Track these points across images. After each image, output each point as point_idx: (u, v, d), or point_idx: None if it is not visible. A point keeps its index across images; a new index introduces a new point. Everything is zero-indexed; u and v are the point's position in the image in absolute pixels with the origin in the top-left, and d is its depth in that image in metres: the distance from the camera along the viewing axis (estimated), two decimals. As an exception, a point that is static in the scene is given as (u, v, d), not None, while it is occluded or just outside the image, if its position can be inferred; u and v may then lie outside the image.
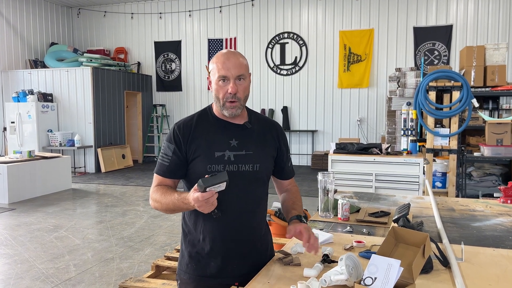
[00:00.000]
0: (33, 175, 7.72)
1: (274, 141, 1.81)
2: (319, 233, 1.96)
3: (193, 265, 1.72)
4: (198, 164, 1.66)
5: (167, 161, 1.68)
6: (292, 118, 11.64)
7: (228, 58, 1.63)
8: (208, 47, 12.12)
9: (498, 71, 6.03)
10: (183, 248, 1.77)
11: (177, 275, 1.80)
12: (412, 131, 5.45)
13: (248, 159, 1.69)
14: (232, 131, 1.71)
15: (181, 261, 1.78)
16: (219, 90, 1.64)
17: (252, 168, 1.70)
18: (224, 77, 1.62)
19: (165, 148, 1.70)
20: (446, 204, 2.70)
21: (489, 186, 5.66)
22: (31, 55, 11.92)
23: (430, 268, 1.57)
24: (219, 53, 1.67)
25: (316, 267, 1.56)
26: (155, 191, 1.66)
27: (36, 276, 3.99)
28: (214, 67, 1.65)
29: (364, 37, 10.84)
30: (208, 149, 1.66)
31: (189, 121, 1.72)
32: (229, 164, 1.65)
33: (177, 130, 1.69)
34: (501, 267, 1.61)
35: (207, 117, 1.73)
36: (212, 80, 1.66)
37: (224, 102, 1.64)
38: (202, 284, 1.71)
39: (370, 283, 1.29)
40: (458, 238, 1.96)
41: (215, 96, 1.67)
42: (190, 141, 1.67)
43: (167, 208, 1.62)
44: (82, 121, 10.73)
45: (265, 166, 1.76)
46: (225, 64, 1.61)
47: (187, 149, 1.67)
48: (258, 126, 1.78)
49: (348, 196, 2.93)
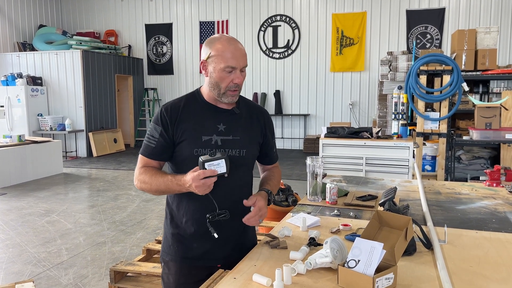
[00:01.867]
0: (23, 160, 7.67)
1: (261, 127, 1.82)
2: (306, 217, 1.98)
3: (175, 247, 1.73)
4: (184, 147, 1.65)
5: (153, 143, 1.67)
6: (284, 102, 11.62)
7: (236, 48, 1.61)
8: (200, 30, 11.98)
9: (489, 55, 6.05)
10: (166, 230, 1.78)
11: (161, 257, 1.82)
12: (403, 115, 5.47)
13: (235, 144, 1.70)
14: (220, 115, 1.70)
15: (164, 243, 1.79)
16: (224, 79, 1.61)
17: (239, 153, 1.71)
18: (233, 67, 1.60)
19: (151, 129, 1.68)
20: (433, 187, 2.74)
21: (478, 169, 5.74)
22: (19, 38, 11.71)
23: (413, 250, 1.60)
24: (224, 40, 1.61)
25: (302, 250, 1.58)
26: (143, 173, 1.66)
27: (28, 260, 4.00)
28: (219, 54, 1.59)
29: (356, 20, 10.78)
30: (195, 133, 1.66)
31: (177, 104, 1.70)
32: (216, 148, 1.65)
33: (164, 112, 1.67)
34: (483, 249, 1.65)
35: (195, 101, 1.72)
36: (214, 67, 1.61)
37: (226, 91, 1.63)
38: (185, 265, 1.73)
39: (353, 265, 1.32)
40: (442, 221, 1.99)
41: (215, 83, 1.63)
42: (177, 124, 1.66)
43: (157, 189, 1.62)
44: (72, 105, 10.63)
45: (251, 151, 1.77)
46: (235, 54, 1.59)
47: (174, 132, 1.66)
48: (246, 111, 1.78)
49: (337, 180, 2.96)
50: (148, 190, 1.65)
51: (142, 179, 1.65)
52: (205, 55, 1.64)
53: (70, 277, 3.63)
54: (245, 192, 1.78)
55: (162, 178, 1.61)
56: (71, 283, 3.52)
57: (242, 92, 11.38)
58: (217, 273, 1.53)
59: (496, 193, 2.55)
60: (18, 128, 10.13)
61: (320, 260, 1.43)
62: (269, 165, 1.96)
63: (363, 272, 1.28)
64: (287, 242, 1.72)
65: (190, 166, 1.59)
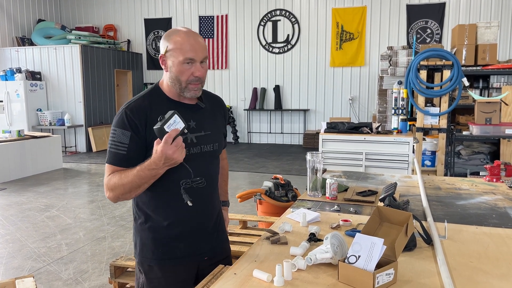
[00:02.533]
0: (23, 155, 7.67)
1: (222, 118, 1.83)
2: (306, 212, 1.98)
3: (160, 250, 1.66)
4: None
5: (123, 149, 1.54)
6: (284, 97, 11.60)
7: (195, 40, 1.56)
8: (199, 24, 11.94)
9: (489, 50, 6.03)
10: (143, 236, 1.68)
11: (140, 264, 1.72)
12: (403, 110, 5.46)
13: (208, 139, 1.67)
14: (188, 112, 1.64)
15: (142, 249, 1.68)
16: (183, 73, 1.56)
17: (212, 147, 1.69)
18: (192, 59, 1.55)
19: (118, 135, 1.55)
20: (433, 182, 2.74)
21: (477, 164, 5.75)
22: (18, 32, 11.66)
23: (413, 246, 1.60)
24: (182, 33, 1.56)
25: (302, 246, 1.58)
26: (111, 179, 1.54)
27: (28, 255, 4.01)
28: (177, 47, 1.54)
29: (356, 14, 10.74)
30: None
31: (141, 103, 1.59)
32: (192, 147, 1.61)
33: (130, 114, 1.55)
34: (483, 245, 1.65)
35: (159, 98, 1.63)
36: (173, 61, 1.56)
37: (187, 85, 1.58)
38: (172, 267, 1.68)
39: (354, 261, 1.32)
40: (443, 216, 1.99)
41: (175, 78, 1.58)
42: (149, 126, 1.54)
43: (131, 187, 1.51)
44: (72, 100, 10.61)
45: (221, 143, 1.77)
46: (194, 46, 1.54)
47: (147, 135, 1.55)
48: (208, 104, 1.75)
49: (337, 176, 2.95)
50: (122, 193, 1.53)
51: (112, 185, 1.53)
52: (163, 49, 1.58)
53: (70, 272, 3.64)
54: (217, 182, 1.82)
55: (131, 172, 1.50)
56: (71, 278, 3.52)
57: (242, 87, 11.34)
58: (217, 268, 1.53)
59: (496, 188, 2.55)
60: (17, 123, 10.11)
61: (320, 256, 1.43)
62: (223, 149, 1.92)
63: (364, 268, 1.28)
64: (287, 237, 1.72)
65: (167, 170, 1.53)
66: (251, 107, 11.66)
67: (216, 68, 11.92)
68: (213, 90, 12.10)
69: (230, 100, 11.98)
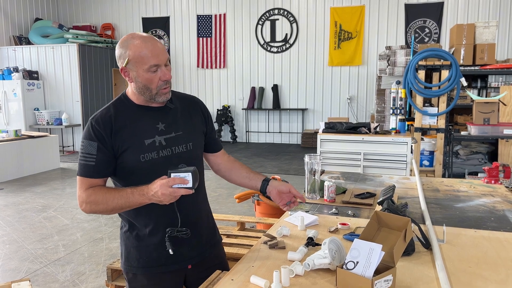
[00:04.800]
0: (20, 155, 7.63)
1: (200, 116, 1.77)
2: (304, 216, 1.97)
3: (145, 258, 1.65)
4: (128, 157, 1.56)
5: (92, 160, 1.53)
6: (282, 97, 11.58)
7: (153, 44, 1.52)
8: (197, 23, 11.90)
9: (488, 50, 6.03)
10: (128, 244, 1.67)
11: (126, 273, 1.70)
12: (401, 110, 5.46)
13: (179, 140, 1.64)
14: (156, 115, 1.63)
15: (127, 257, 1.67)
16: (151, 80, 1.53)
17: (186, 148, 1.66)
18: (156, 65, 1.52)
19: (85, 147, 1.54)
20: (431, 184, 2.73)
21: (475, 164, 5.74)
22: (15, 31, 11.61)
23: (412, 251, 1.59)
24: (137, 38, 1.51)
25: (300, 251, 1.57)
26: (92, 194, 1.52)
27: (25, 257, 3.99)
28: (137, 55, 1.50)
29: (355, 14, 10.72)
30: (136, 139, 1.57)
31: (106, 113, 1.58)
32: (161, 149, 1.59)
33: (95, 125, 1.54)
34: (482, 249, 1.64)
35: (125, 106, 1.62)
36: (137, 71, 1.52)
37: (158, 91, 1.56)
38: (157, 275, 1.66)
39: (352, 267, 1.30)
40: (441, 220, 1.99)
41: (143, 87, 1.55)
42: (114, 134, 1.55)
43: (114, 207, 1.51)
44: (69, 99, 10.57)
45: (197, 143, 1.73)
46: (154, 51, 1.51)
47: (113, 144, 1.55)
48: (180, 104, 1.72)
49: (335, 177, 2.94)
50: (102, 210, 1.52)
51: (93, 200, 1.51)
52: (123, 61, 1.53)
53: (67, 274, 3.62)
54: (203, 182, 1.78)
55: (119, 193, 1.49)
56: (68, 280, 3.51)
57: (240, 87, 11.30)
58: (215, 274, 1.52)
59: (494, 190, 2.54)
60: (14, 122, 10.07)
61: (318, 261, 1.42)
62: (219, 153, 1.89)
63: (362, 274, 1.27)
64: (285, 241, 1.71)
65: (139, 176, 1.54)
66: (249, 107, 11.64)
67: (214, 67, 11.89)
68: (211, 89, 12.08)
69: (228, 99, 11.96)
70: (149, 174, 1.53)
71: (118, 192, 1.51)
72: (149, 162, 1.57)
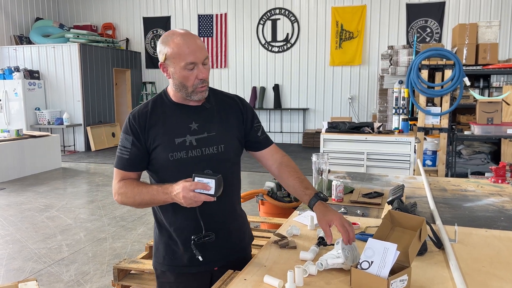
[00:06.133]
0: (21, 154, 7.62)
1: (238, 117, 1.70)
2: (314, 215, 1.96)
3: (170, 256, 1.65)
4: (159, 154, 1.57)
5: (126, 154, 1.58)
6: (283, 96, 11.58)
7: (192, 41, 1.51)
8: (198, 23, 11.89)
9: (490, 49, 6.02)
10: (157, 240, 1.69)
11: (154, 268, 1.73)
12: (404, 109, 5.45)
13: (211, 141, 1.60)
14: (191, 114, 1.61)
15: (156, 252, 1.70)
16: (188, 78, 1.52)
17: (217, 149, 1.61)
18: (193, 63, 1.51)
19: (122, 140, 1.59)
20: (438, 184, 2.73)
21: (478, 164, 5.74)
22: (16, 31, 11.59)
23: (424, 250, 1.58)
24: (178, 37, 1.51)
25: (312, 250, 1.56)
26: (123, 186, 1.57)
27: (28, 257, 3.98)
28: (176, 53, 1.50)
29: (356, 13, 10.71)
30: (168, 136, 1.57)
31: (143, 109, 1.61)
32: (191, 149, 1.57)
33: (132, 120, 1.58)
34: (494, 248, 1.63)
35: (162, 103, 1.63)
36: (174, 67, 1.52)
37: (194, 89, 1.55)
38: (182, 275, 1.65)
39: (366, 267, 1.30)
40: (451, 219, 1.98)
41: (179, 84, 1.54)
42: (148, 130, 1.57)
43: (141, 202, 1.54)
44: (70, 99, 10.56)
45: (231, 145, 1.65)
46: (193, 49, 1.50)
47: (146, 139, 1.57)
48: (218, 104, 1.68)
49: (341, 177, 2.94)
50: (131, 203, 1.57)
51: (124, 192, 1.56)
52: (162, 56, 1.54)
53: (71, 273, 3.61)
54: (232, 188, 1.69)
55: (146, 189, 1.53)
56: (72, 279, 3.50)
57: (241, 86, 11.32)
58: (226, 274, 1.51)
59: (502, 190, 2.53)
60: (15, 122, 10.05)
61: (331, 261, 1.42)
62: (268, 151, 1.76)
63: (377, 274, 1.26)
64: (296, 241, 1.70)
65: (167, 173, 1.56)
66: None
67: (215, 67, 11.88)
68: (212, 89, 12.05)
69: (229, 99, 11.94)
70: (176, 173, 1.53)
71: (145, 187, 1.54)
72: (177, 161, 1.56)
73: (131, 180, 1.59)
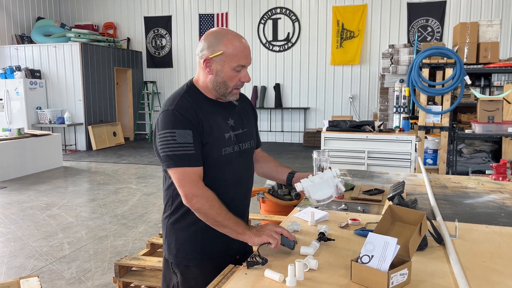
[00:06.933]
0: (23, 153, 7.64)
1: (252, 114, 1.83)
2: (314, 211, 1.97)
3: (198, 250, 1.66)
4: (212, 149, 1.57)
5: (191, 148, 1.50)
6: (284, 96, 11.58)
7: (245, 45, 1.56)
8: (199, 22, 11.90)
9: (491, 48, 6.02)
10: (180, 236, 1.66)
11: (175, 266, 1.68)
12: (405, 108, 5.45)
13: (246, 136, 1.69)
14: (226, 110, 1.65)
15: (179, 250, 1.66)
16: (233, 78, 1.55)
17: (250, 144, 1.72)
18: (243, 66, 1.55)
19: (179, 136, 1.49)
20: (438, 181, 2.73)
21: (479, 162, 5.74)
22: (17, 30, 11.61)
23: (424, 245, 1.59)
24: (234, 37, 1.54)
25: (312, 245, 1.57)
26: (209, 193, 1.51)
27: (30, 254, 3.99)
28: (230, 53, 1.52)
29: (357, 12, 10.72)
30: (218, 132, 1.58)
31: (185, 103, 1.55)
32: (235, 144, 1.63)
33: (184, 114, 1.51)
34: (494, 244, 1.64)
35: (199, 98, 1.60)
36: (223, 66, 1.53)
37: (232, 90, 1.58)
38: (209, 267, 1.64)
39: (367, 261, 1.30)
40: (451, 215, 1.98)
41: (222, 82, 1.55)
42: (201, 124, 1.54)
43: (219, 224, 1.52)
44: (71, 98, 10.58)
45: (256, 140, 1.80)
46: (245, 53, 1.55)
47: (201, 133, 1.54)
48: (239, 102, 1.74)
49: (342, 174, 2.94)
50: (210, 216, 1.51)
51: (210, 199, 1.50)
52: (212, 52, 1.52)
53: (73, 271, 3.62)
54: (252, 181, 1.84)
55: (229, 215, 1.52)
56: (74, 277, 3.51)
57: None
58: (227, 268, 1.51)
59: (503, 187, 2.54)
60: (17, 121, 10.08)
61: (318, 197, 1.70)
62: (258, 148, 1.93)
63: (377, 268, 1.27)
64: (297, 237, 1.71)
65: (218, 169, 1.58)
66: (251, 106, 11.63)
67: (216, 66, 11.87)
68: (213, 88, 12.05)
69: (230, 98, 11.95)
70: (226, 168, 1.61)
71: (229, 214, 1.53)
72: (228, 156, 1.61)
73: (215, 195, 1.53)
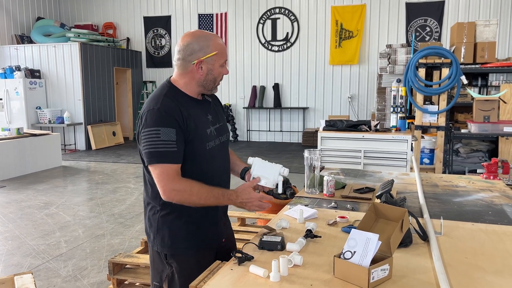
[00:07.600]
0: (22, 153, 7.67)
1: (222, 109, 1.94)
2: (303, 209, 1.99)
3: (192, 236, 1.72)
4: (196, 144, 1.65)
5: (173, 146, 1.57)
6: (283, 95, 11.60)
7: (222, 41, 1.71)
8: (199, 22, 11.92)
9: (488, 48, 6.04)
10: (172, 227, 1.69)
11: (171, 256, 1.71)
12: (402, 108, 5.47)
13: (222, 130, 1.82)
14: (204, 107, 1.76)
15: (173, 240, 1.69)
16: (220, 74, 1.70)
17: (227, 137, 1.85)
18: (226, 61, 1.70)
19: (163, 133, 1.56)
20: (430, 180, 2.75)
21: (476, 162, 5.75)
22: (17, 30, 11.65)
23: (409, 242, 1.61)
24: (216, 37, 1.68)
25: (299, 242, 1.59)
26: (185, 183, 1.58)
27: (27, 253, 4.02)
28: (219, 52, 1.66)
29: (356, 12, 10.73)
30: (201, 128, 1.68)
31: (169, 102, 1.61)
32: (215, 138, 1.74)
33: (169, 112, 1.58)
34: (479, 241, 1.66)
35: (181, 97, 1.67)
36: (213, 65, 1.66)
37: (217, 84, 1.73)
38: (202, 253, 1.74)
39: (349, 256, 1.33)
40: (439, 213, 2.01)
41: (212, 79, 1.69)
42: (186, 122, 1.61)
43: (204, 203, 1.61)
44: (71, 98, 10.61)
45: (229, 133, 1.93)
46: (226, 49, 1.70)
47: (184, 131, 1.61)
48: (211, 98, 1.86)
49: (334, 173, 2.96)
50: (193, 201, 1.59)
51: (187, 190, 1.57)
52: (204, 54, 1.63)
53: (69, 269, 3.65)
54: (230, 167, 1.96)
55: (211, 192, 1.62)
56: (70, 275, 3.53)
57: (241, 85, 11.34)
58: (214, 264, 1.54)
59: (493, 185, 2.56)
60: (16, 121, 10.11)
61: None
62: None
63: (359, 263, 1.29)
64: (284, 233, 1.73)
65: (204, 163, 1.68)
66: (250, 105, 11.66)
67: (216, 66, 11.89)
68: (212, 88, 12.08)
69: (229, 98, 11.98)
70: (210, 161, 1.72)
71: (210, 190, 1.62)
72: (212, 150, 1.71)
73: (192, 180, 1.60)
